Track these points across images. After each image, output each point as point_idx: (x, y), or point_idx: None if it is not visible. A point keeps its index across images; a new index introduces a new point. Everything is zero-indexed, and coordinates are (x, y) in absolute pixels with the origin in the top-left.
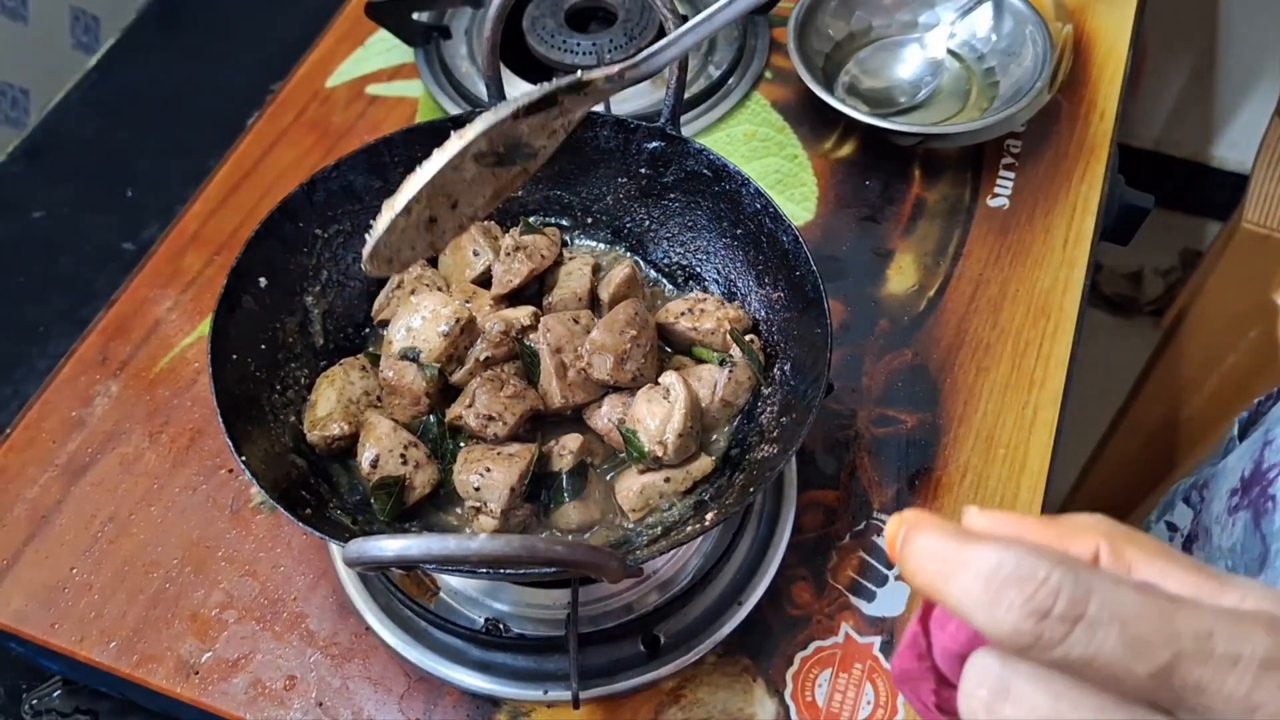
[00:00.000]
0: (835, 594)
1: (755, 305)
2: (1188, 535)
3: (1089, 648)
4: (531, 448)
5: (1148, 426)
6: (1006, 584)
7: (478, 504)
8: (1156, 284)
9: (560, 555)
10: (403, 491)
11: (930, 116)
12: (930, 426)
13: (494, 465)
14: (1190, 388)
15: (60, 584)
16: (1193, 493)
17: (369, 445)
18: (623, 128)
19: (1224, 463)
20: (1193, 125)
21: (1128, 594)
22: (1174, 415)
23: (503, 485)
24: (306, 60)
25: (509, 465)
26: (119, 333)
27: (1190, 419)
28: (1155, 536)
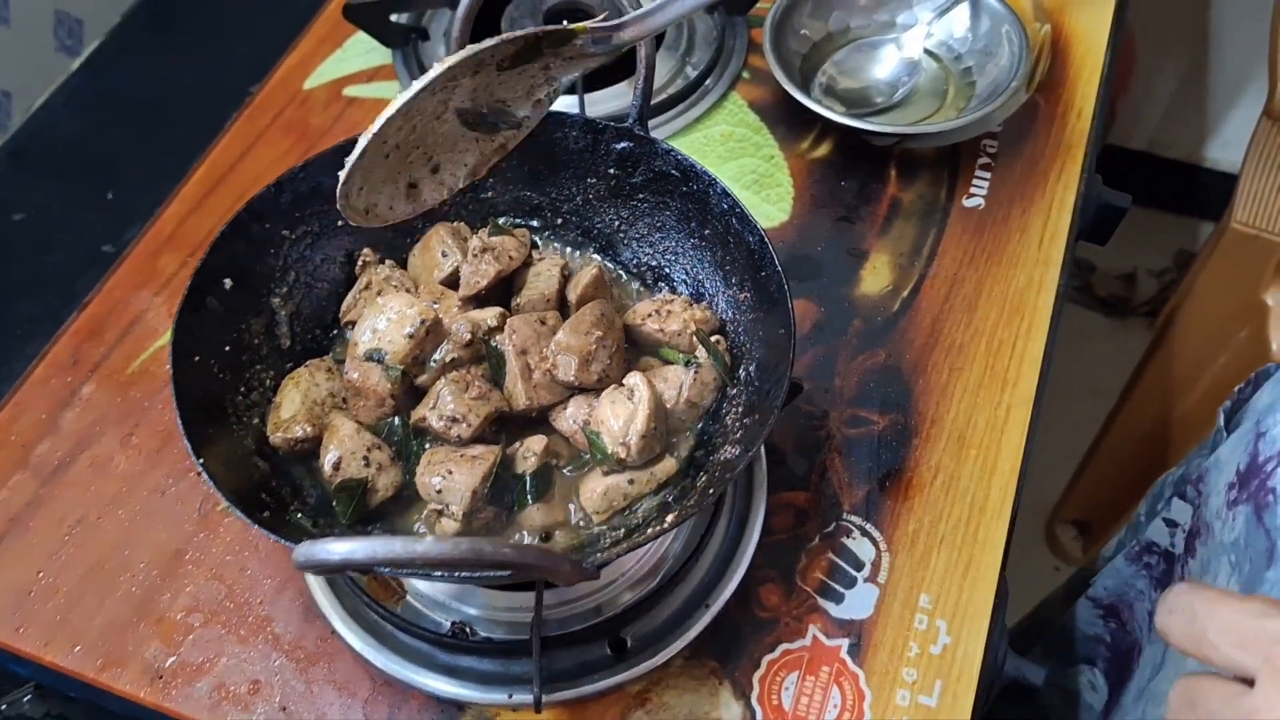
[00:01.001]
0: (804, 596)
1: (723, 306)
2: (1189, 531)
3: None
4: (495, 450)
5: (1141, 427)
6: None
7: (439, 506)
8: (1150, 285)
9: (509, 558)
10: (365, 494)
11: (907, 117)
12: (902, 427)
13: (456, 468)
14: (1182, 388)
15: (27, 587)
16: (1187, 487)
17: (331, 447)
18: (591, 128)
19: (1216, 456)
20: (1185, 126)
21: None
22: (1166, 415)
23: (464, 488)
24: (285, 62)
25: (471, 467)
26: (92, 334)
27: (1182, 419)
28: (1152, 533)
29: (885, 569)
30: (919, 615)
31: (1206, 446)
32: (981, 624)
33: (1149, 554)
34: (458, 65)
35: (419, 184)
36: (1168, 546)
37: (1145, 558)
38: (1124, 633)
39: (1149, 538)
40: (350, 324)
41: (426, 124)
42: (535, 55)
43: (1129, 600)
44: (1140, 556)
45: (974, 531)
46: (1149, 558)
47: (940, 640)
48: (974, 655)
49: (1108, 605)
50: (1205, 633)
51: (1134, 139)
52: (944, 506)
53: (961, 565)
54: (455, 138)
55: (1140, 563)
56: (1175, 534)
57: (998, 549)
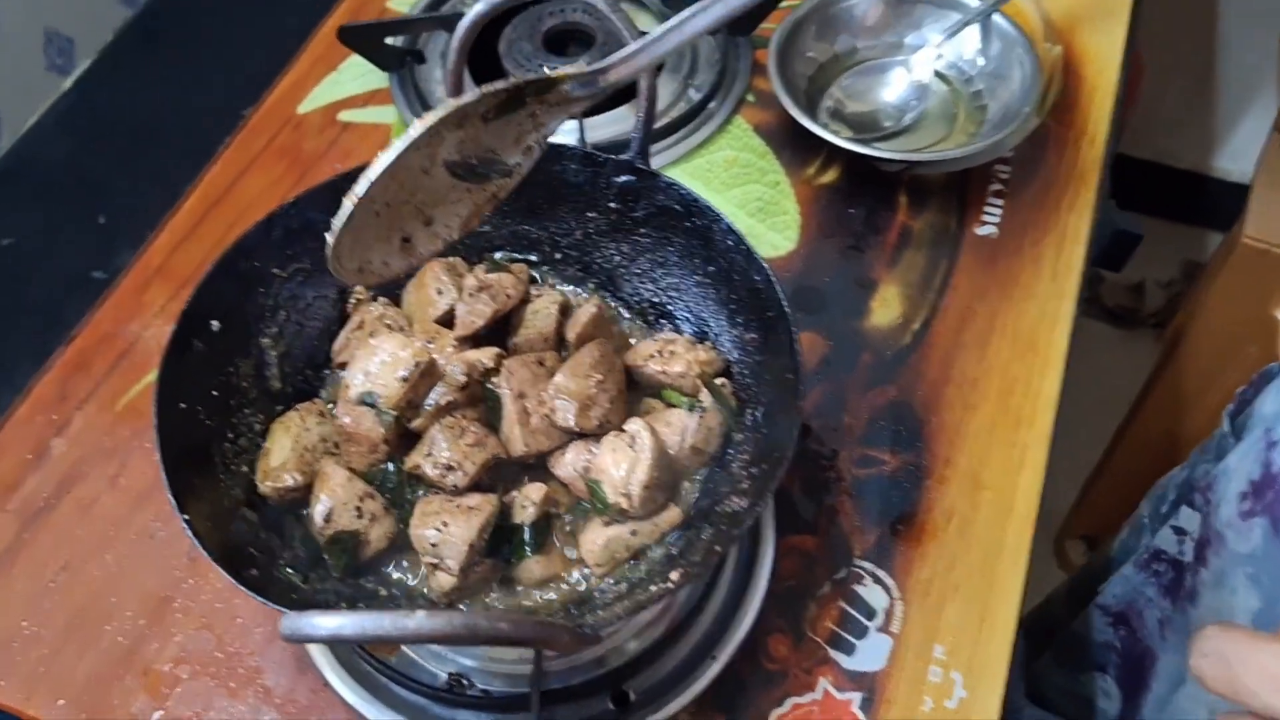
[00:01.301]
0: (814, 647)
1: (728, 346)
2: (1199, 540)
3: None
4: (492, 499)
5: (1150, 442)
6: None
7: (435, 560)
8: (1158, 296)
9: (505, 633)
10: (358, 546)
11: (916, 141)
12: (914, 467)
13: (452, 520)
14: (1192, 403)
15: (9, 637)
16: (1195, 494)
17: (323, 497)
18: (591, 161)
19: (1225, 464)
20: (1193, 136)
21: None
22: (1176, 430)
23: (461, 542)
24: (279, 86)
25: (468, 520)
26: (79, 368)
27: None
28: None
29: (898, 618)
30: (933, 667)
31: (1210, 450)
32: (999, 676)
33: (1157, 561)
34: (439, 122)
35: (412, 238)
36: (1176, 554)
37: (1154, 565)
38: (1135, 640)
39: (1157, 545)
40: (342, 365)
41: (414, 179)
42: (520, 104)
43: (1139, 608)
44: (1149, 564)
45: (990, 579)
46: (1157, 565)
47: (956, 694)
48: (991, 709)
49: (1117, 613)
50: (1242, 678)
51: (1142, 148)
52: (958, 552)
53: (977, 614)
54: (446, 189)
55: (1149, 570)
56: (1184, 542)
57: (1014, 597)
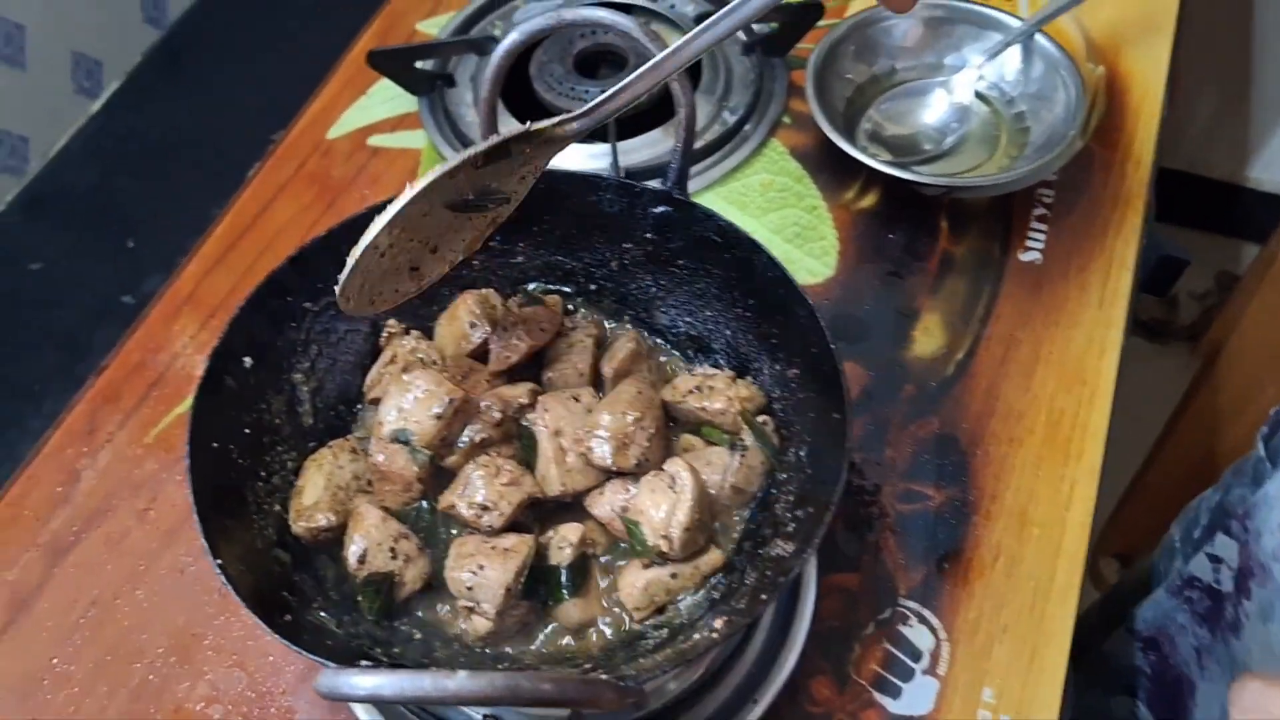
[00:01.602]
0: (858, 690)
1: (769, 382)
2: (1238, 570)
3: None
4: (528, 541)
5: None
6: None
7: (470, 604)
8: (1192, 308)
9: (549, 694)
10: (392, 589)
11: (957, 164)
12: (960, 503)
13: (488, 562)
14: (1229, 419)
15: (39, 674)
16: (1231, 522)
17: (356, 538)
18: (627, 191)
19: (1265, 492)
20: (1227, 146)
21: None
22: (1213, 447)
23: (497, 585)
24: (308, 110)
25: (504, 562)
26: (109, 400)
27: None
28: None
29: (945, 660)
30: (982, 711)
31: (1246, 474)
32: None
33: (1191, 589)
34: (428, 188)
35: (420, 266)
36: (1212, 582)
37: (1187, 592)
38: (1166, 665)
39: (1191, 572)
40: (375, 401)
41: (416, 223)
42: (504, 154)
43: (1170, 633)
44: (1181, 591)
45: (1038, 619)
46: (1191, 592)
47: None
48: None
49: (1147, 638)
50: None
51: (1175, 159)
52: (1006, 592)
53: (1026, 656)
54: (447, 222)
55: (1181, 597)
56: (1220, 570)
57: (1064, 639)
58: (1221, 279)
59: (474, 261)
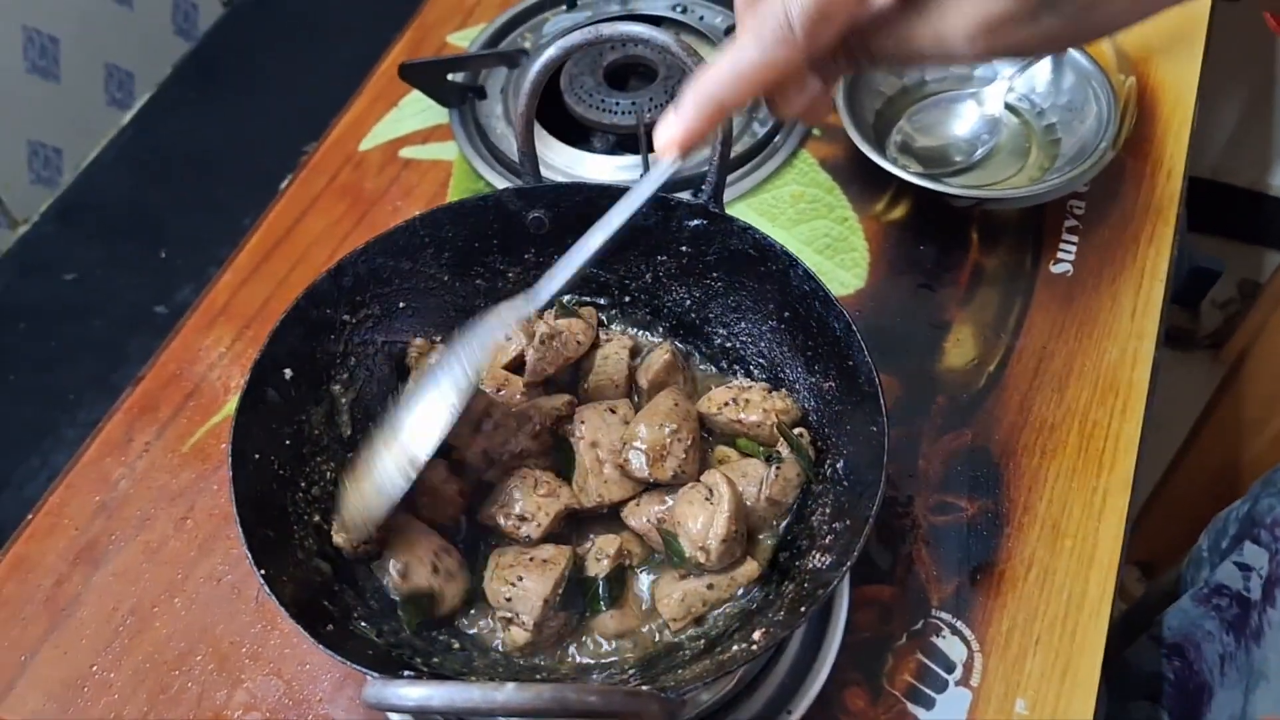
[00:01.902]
0: (891, 701)
1: (804, 394)
2: (1267, 578)
3: None
4: (566, 552)
5: (1210, 468)
6: None
7: (509, 615)
8: (1214, 316)
9: (595, 706)
10: (432, 604)
11: (988, 176)
12: (993, 514)
13: (527, 574)
14: (1253, 429)
15: (79, 681)
16: (1260, 531)
17: (398, 553)
18: (662, 204)
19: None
20: (1252, 153)
21: None
22: (1237, 456)
23: (536, 597)
24: (340, 122)
25: (542, 574)
26: (145, 410)
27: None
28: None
29: (978, 671)
30: None
31: (1275, 484)
32: None
33: (1219, 596)
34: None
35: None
36: (1241, 590)
37: (1215, 600)
38: (1190, 672)
39: (1219, 580)
40: None
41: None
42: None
43: (1196, 640)
44: (1209, 599)
45: (1071, 631)
46: (1219, 600)
47: None
48: None
49: (1172, 644)
50: None
51: (1198, 166)
52: (1039, 603)
53: (1060, 668)
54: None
55: (1209, 605)
56: (1250, 578)
57: (1097, 650)
58: (1244, 287)
59: (509, 275)
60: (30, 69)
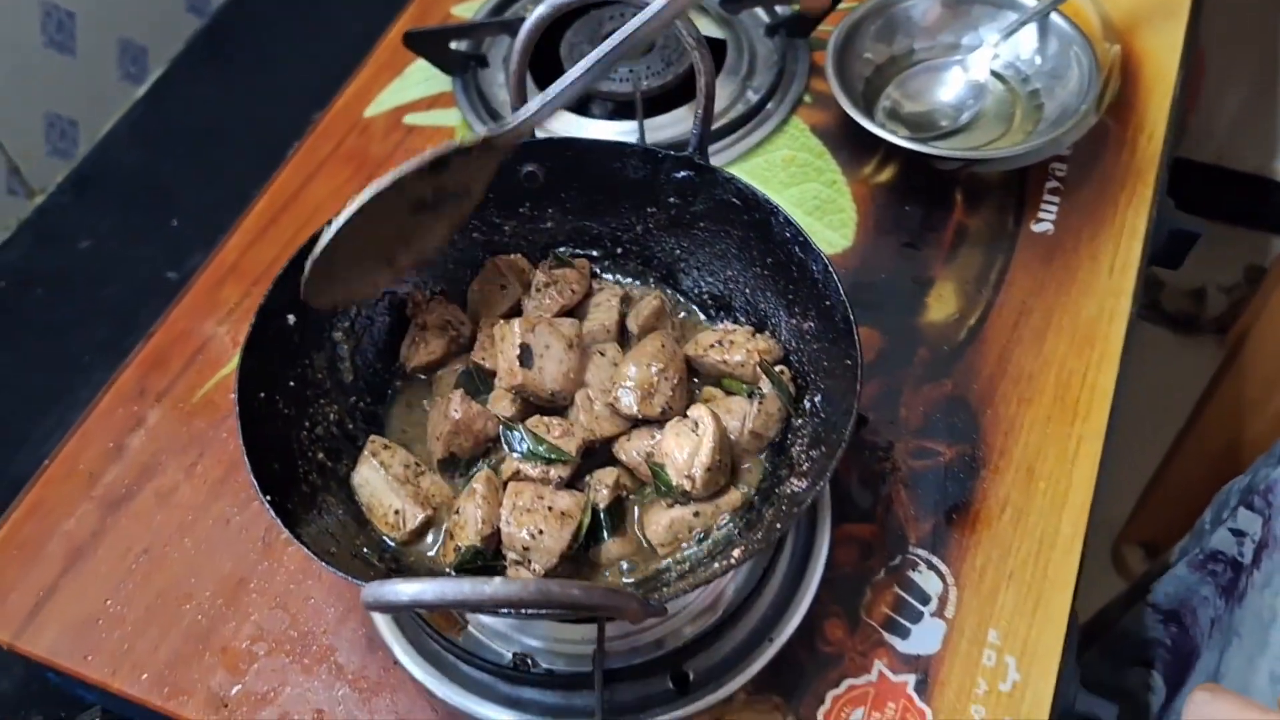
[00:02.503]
0: (869, 631)
1: (786, 336)
2: (1259, 541)
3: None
4: (582, 502)
5: (1211, 447)
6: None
7: (520, 560)
8: (1220, 301)
9: (576, 599)
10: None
11: (973, 140)
12: (969, 459)
13: (546, 527)
14: (1254, 408)
15: (94, 616)
16: (1254, 497)
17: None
18: (650, 158)
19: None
20: (1256, 139)
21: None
22: (1238, 435)
23: (553, 553)
24: (346, 91)
25: (561, 528)
26: (157, 364)
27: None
28: (1218, 542)
29: (953, 604)
30: (987, 651)
31: (1275, 456)
32: (1052, 661)
33: (1214, 562)
34: (373, 198)
35: (395, 258)
36: (1235, 556)
37: (1210, 565)
38: (1185, 637)
39: (1214, 546)
40: (416, 369)
41: (380, 221)
42: (446, 167)
43: (1192, 605)
44: (1205, 564)
45: (1044, 567)
46: (1214, 565)
47: (1010, 677)
48: (1044, 693)
49: (1168, 611)
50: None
51: (1203, 152)
52: (1013, 541)
53: (1031, 601)
54: (414, 220)
55: (1205, 570)
56: (1244, 543)
57: (1068, 586)
58: (1250, 272)
59: (505, 228)
60: (48, 43)
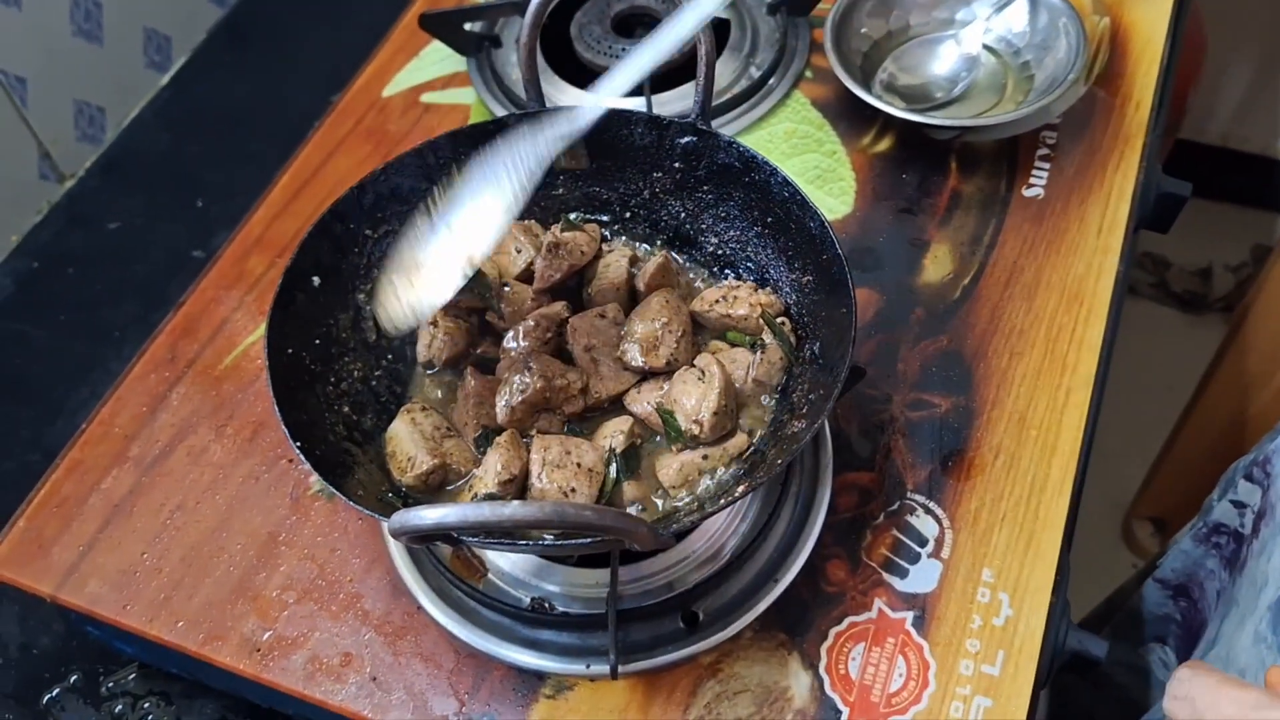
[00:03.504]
0: (869, 571)
1: (786, 290)
2: (1258, 511)
3: None
4: (604, 455)
5: (1216, 422)
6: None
7: None
8: (1227, 280)
9: (590, 520)
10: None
11: (967, 110)
12: (964, 410)
13: (578, 484)
14: (1257, 383)
15: (132, 568)
16: (1254, 469)
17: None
18: (655, 124)
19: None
20: (1260, 119)
21: None
22: (1242, 410)
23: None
24: (364, 72)
25: (590, 484)
26: (187, 333)
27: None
28: (1221, 514)
29: (948, 545)
30: (981, 589)
31: (1278, 432)
32: (1043, 597)
33: (1218, 534)
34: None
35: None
36: (1237, 527)
37: (1214, 538)
38: (1195, 611)
39: (1217, 519)
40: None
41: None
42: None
43: (1199, 579)
44: (1209, 537)
45: (1035, 509)
46: (1218, 538)
47: (1003, 612)
48: (1036, 627)
49: (1176, 585)
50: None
51: (1207, 133)
52: (1005, 485)
53: (1023, 542)
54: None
55: (1209, 543)
56: (1244, 515)
57: (1058, 526)
58: (1256, 252)
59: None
60: (76, 32)
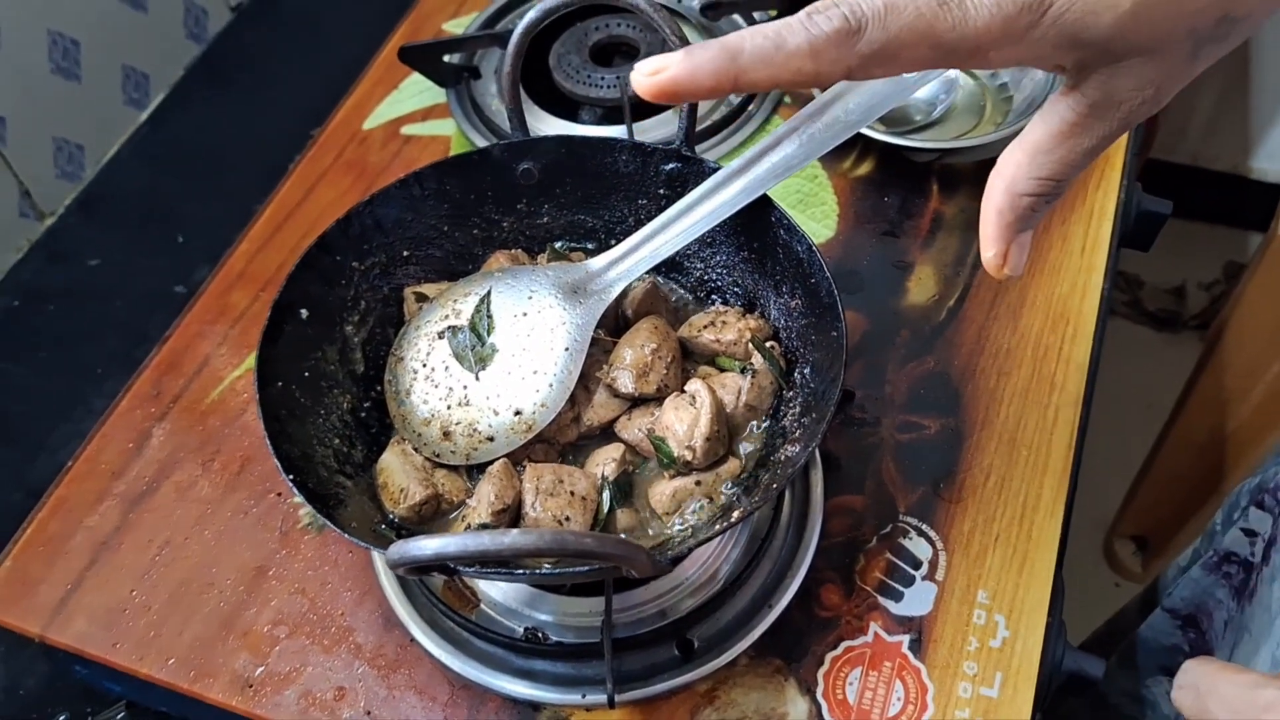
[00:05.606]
0: (863, 595)
1: (775, 314)
2: (1269, 539)
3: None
4: (596, 483)
5: (1195, 440)
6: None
7: None
8: (1200, 298)
9: (589, 548)
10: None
11: (946, 133)
12: (953, 431)
13: (572, 513)
14: (1235, 400)
15: (120, 606)
16: (1264, 496)
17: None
18: (640, 151)
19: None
20: (1230, 137)
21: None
22: (1220, 427)
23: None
24: (344, 105)
25: (584, 512)
26: (171, 368)
27: (1237, 430)
28: (1231, 543)
29: (942, 567)
30: (977, 610)
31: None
32: (1039, 617)
33: (1228, 564)
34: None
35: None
36: (1247, 556)
37: (1224, 567)
38: (1203, 641)
39: (1227, 547)
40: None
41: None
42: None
43: (1208, 609)
44: (1219, 566)
45: (1028, 529)
46: (1228, 567)
47: (999, 634)
48: (1033, 647)
49: (1186, 615)
50: (1208, 706)
51: (1177, 152)
52: (997, 506)
53: (1017, 562)
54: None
55: (1219, 572)
56: (1255, 543)
57: (1052, 545)
58: (1229, 269)
59: (503, 224)
60: (54, 70)
